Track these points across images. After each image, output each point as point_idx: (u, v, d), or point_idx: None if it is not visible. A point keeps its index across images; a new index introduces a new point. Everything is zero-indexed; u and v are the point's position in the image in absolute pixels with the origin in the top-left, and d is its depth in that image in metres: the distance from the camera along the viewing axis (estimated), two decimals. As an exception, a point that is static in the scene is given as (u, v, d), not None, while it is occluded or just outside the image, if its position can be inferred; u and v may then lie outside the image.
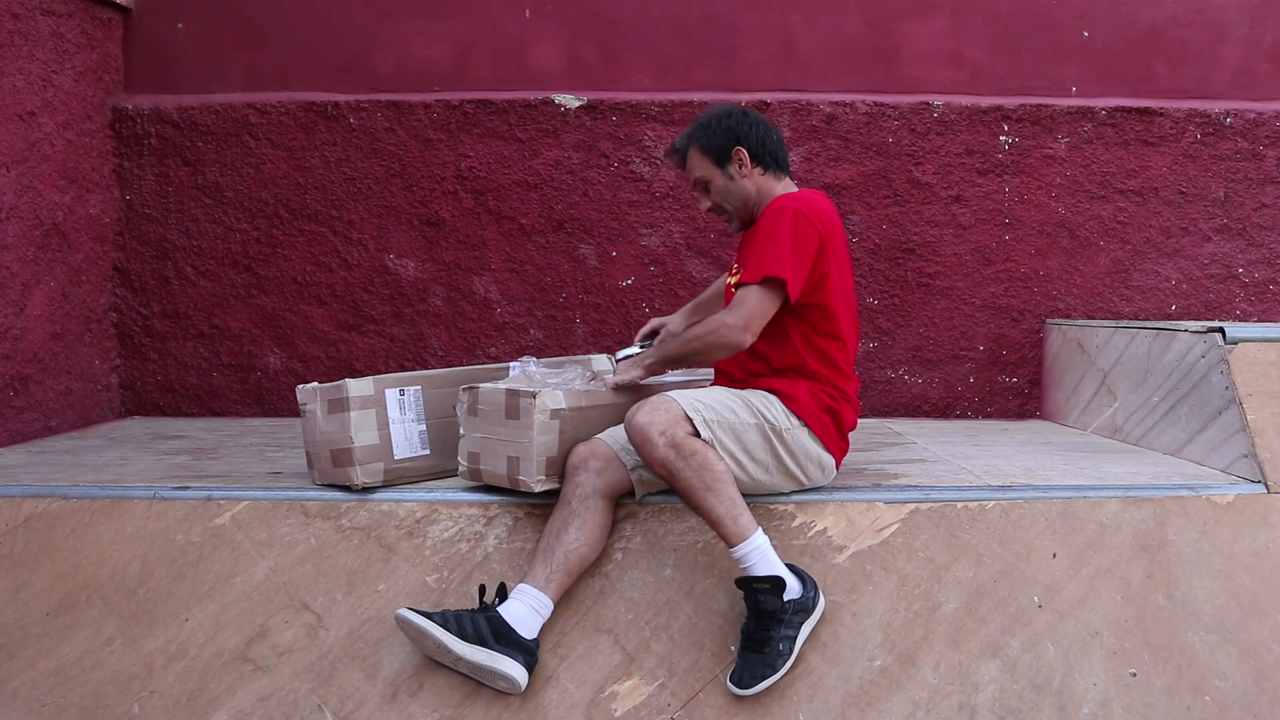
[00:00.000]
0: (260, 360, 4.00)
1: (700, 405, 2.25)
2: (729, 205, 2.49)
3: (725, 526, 2.17)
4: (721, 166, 2.45)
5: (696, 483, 2.16)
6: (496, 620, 2.15)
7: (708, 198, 2.51)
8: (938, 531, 2.42)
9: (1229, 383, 2.66)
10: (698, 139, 2.47)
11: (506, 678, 2.13)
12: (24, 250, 3.44)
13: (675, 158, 2.54)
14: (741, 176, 2.45)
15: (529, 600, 2.20)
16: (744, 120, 2.47)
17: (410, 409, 2.57)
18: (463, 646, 2.11)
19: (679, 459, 2.16)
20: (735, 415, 2.29)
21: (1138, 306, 3.95)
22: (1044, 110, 3.89)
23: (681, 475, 2.17)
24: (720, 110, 2.51)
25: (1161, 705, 2.20)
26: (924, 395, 3.99)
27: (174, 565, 2.42)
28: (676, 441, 2.16)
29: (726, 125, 2.45)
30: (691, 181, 2.53)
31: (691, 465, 2.16)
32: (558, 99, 3.91)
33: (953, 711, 2.17)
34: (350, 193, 3.95)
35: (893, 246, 3.93)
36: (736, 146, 2.44)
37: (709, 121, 2.48)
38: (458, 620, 2.14)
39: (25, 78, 3.42)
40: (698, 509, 2.19)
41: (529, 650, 2.17)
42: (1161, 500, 2.48)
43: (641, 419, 2.19)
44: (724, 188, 2.47)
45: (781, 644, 2.14)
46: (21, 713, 2.20)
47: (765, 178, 2.47)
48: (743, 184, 2.46)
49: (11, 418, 3.39)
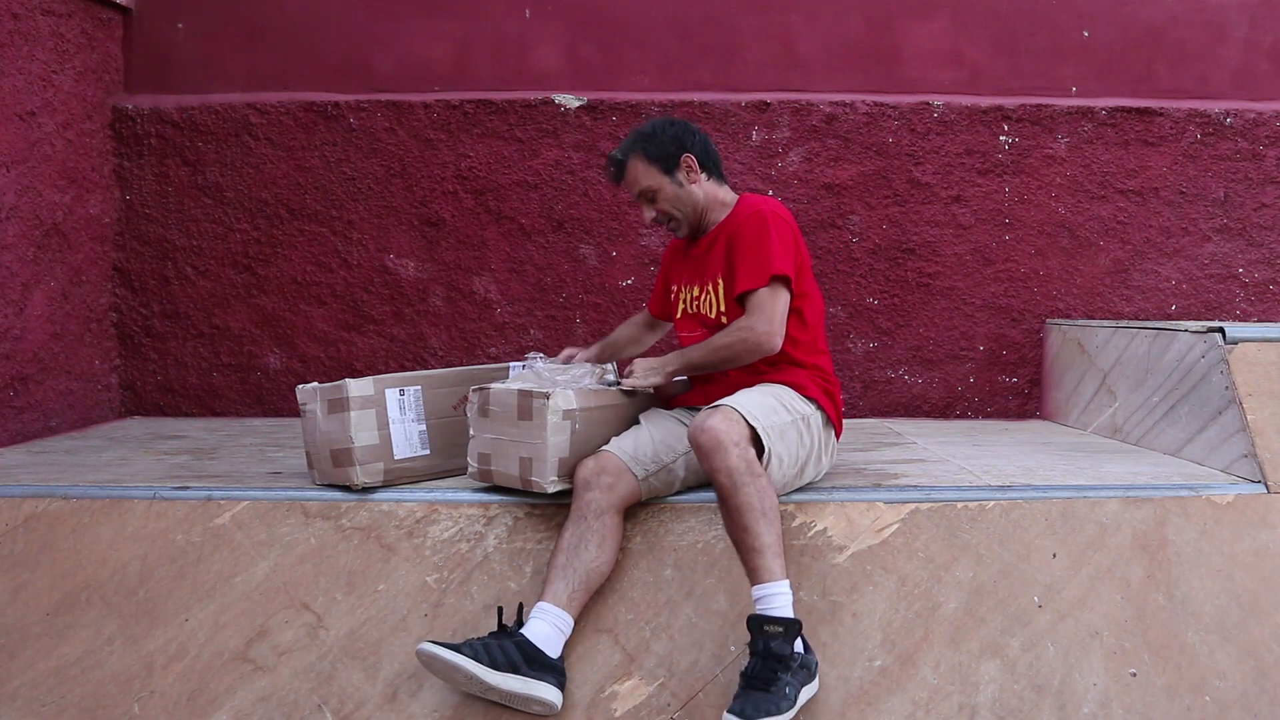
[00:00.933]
0: (260, 360, 4.00)
1: (761, 419, 2.22)
2: (679, 212, 2.51)
3: (764, 558, 2.09)
4: (670, 174, 2.48)
5: (756, 503, 2.10)
6: (526, 645, 2.11)
7: (653, 207, 2.52)
8: (938, 531, 2.42)
9: (1229, 383, 2.66)
10: (642, 148, 2.49)
11: (543, 702, 2.10)
12: (24, 250, 3.44)
13: (614, 169, 2.53)
14: (690, 183, 2.49)
15: (553, 619, 2.17)
16: (686, 129, 2.52)
17: (410, 409, 2.56)
18: (496, 676, 2.06)
19: (748, 475, 2.11)
20: (779, 417, 2.29)
21: (1138, 306, 3.95)
22: (1044, 110, 3.89)
23: (743, 491, 2.10)
24: (659, 120, 2.55)
25: (1161, 705, 2.20)
26: (924, 395, 3.99)
27: (174, 565, 2.42)
28: (750, 458, 2.13)
29: (672, 134, 2.49)
30: (634, 193, 2.53)
31: (758, 485, 2.11)
32: (558, 99, 3.91)
33: (953, 711, 2.17)
34: (350, 193, 3.95)
35: (893, 246, 3.93)
36: (685, 153, 2.48)
37: (652, 131, 2.50)
38: (486, 650, 2.08)
39: (25, 78, 3.42)
40: (745, 530, 2.10)
41: (559, 671, 2.15)
42: (1161, 500, 2.48)
43: (718, 425, 2.14)
44: (674, 195, 2.49)
45: (788, 689, 2.02)
46: (21, 713, 2.20)
47: (711, 184, 2.52)
48: (692, 190, 2.49)
49: (11, 418, 3.39)
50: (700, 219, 2.53)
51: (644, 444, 2.40)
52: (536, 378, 2.48)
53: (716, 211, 2.53)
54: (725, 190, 2.56)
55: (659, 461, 2.39)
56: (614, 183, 2.58)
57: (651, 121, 2.55)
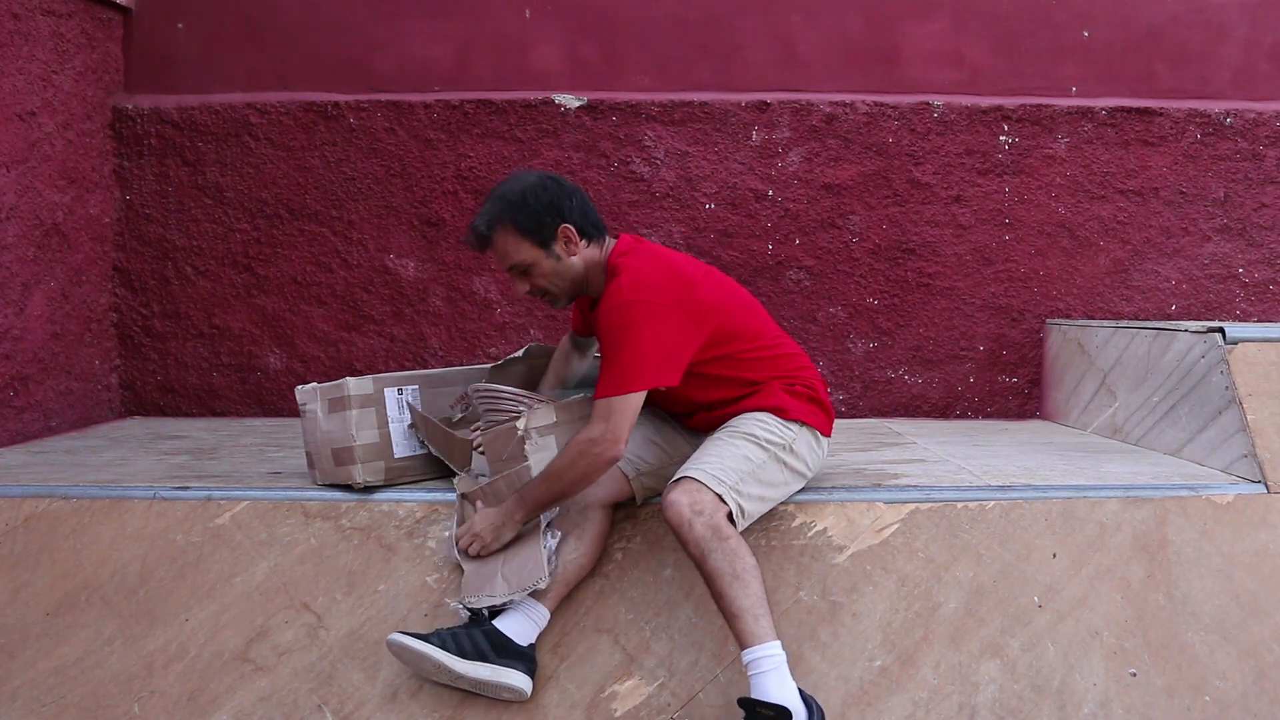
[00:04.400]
0: (260, 360, 4.00)
1: (726, 480, 2.13)
2: (555, 287, 2.25)
3: (744, 622, 2.02)
4: (545, 247, 2.19)
5: (726, 568, 2.03)
6: (495, 634, 2.13)
7: (526, 281, 2.23)
8: (938, 531, 2.42)
9: (1229, 383, 2.66)
10: (512, 219, 2.17)
11: (512, 689, 2.12)
12: (24, 250, 3.44)
13: (476, 241, 2.22)
14: (569, 255, 2.21)
15: (527, 611, 2.18)
16: (560, 191, 2.20)
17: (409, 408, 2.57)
18: (463, 665, 2.08)
19: (715, 540, 2.04)
20: (750, 463, 2.20)
21: (1138, 306, 3.95)
22: (1044, 110, 3.89)
23: (711, 559, 2.04)
24: (527, 183, 2.20)
25: (1161, 705, 2.20)
26: (924, 395, 3.99)
27: (174, 565, 2.42)
28: (716, 523, 2.06)
29: (546, 200, 2.17)
30: (503, 267, 2.24)
31: (725, 550, 2.04)
32: (558, 99, 3.91)
33: (953, 711, 2.17)
34: (350, 193, 3.95)
35: (893, 246, 3.93)
36: (562, 224, 2.18)
37: (519, 199, 2.17)
38: (455, 639, 2.10)
39: (25, 78, 3.42)
40: (720, 597, 2.05)
41: (529, 658, 2.16)
42: (1161, 500, 2.48)
43: (678, 499, 2.07)
44: (551, 270, 2.21)
45: None
46: (21, 713, 2.20)
47: (590, 249, 2.24)
48: (571, 263, 2.22)
49: (11, 418, 3.39)
50: (582, 289, 2.28)
51: (640, 445, 2.37)
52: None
53: (597, 277, 2.27)
54: (606, 245, 2.28)
55: (651, 463, 2.37)
56: (477, 251, 2.26)
57: (519, 183, 2.20)
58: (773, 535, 2.38)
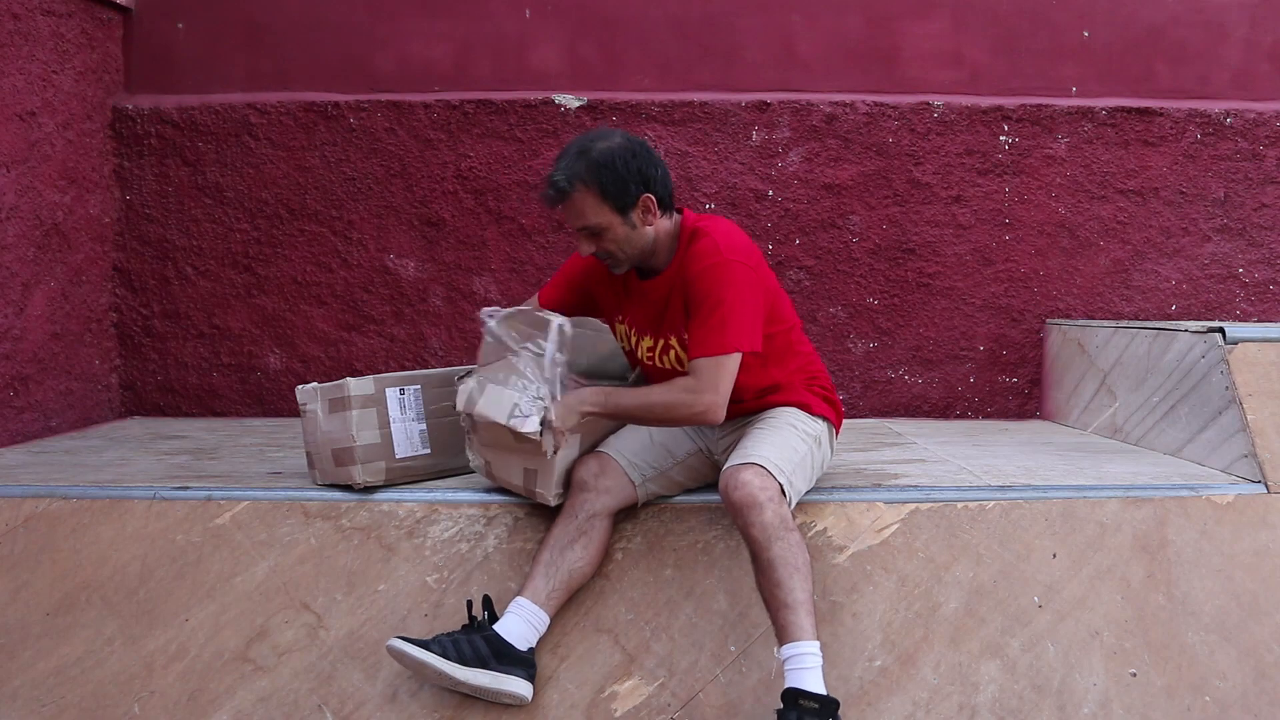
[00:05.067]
0: (260, 360, 4.00)
1: (785, 470, 2.14)
2: (623, 253, 2.19)
3: (796, 615, 2.00)
4: (624, 214, 2.12)
5: (790, 559, 2.02)
6: (495, 640, 2.12)
7: (594, 244, 2.18)
8: (938, 531, 2.42)
9: (1229, 383, 2.66)
10: (596, 180, 2.09)
11: (512, 695, 2.12)
12: (24, 250, 3.44)
13: (553, 195, 2.13)
14: (644, 224, 2.16)
15: (528, 616, 2.17)
16: (649, 159, 2.14)
17: (410, 408, 2.57)
18: (464, 672, 2.07)
19: (783, 529, 2.03)
20: (798, 455, 2.22)
21: (1138, 306, 3.95)
22: (1044, 110, 3.89)
23: (777, 545, 2.02)
24: (617, 146, 2.13)
25: (1161, 705, 2.20)
26: (924, 395, 3.99)
27: (174, 565, 2.42)
28: (784, 514, 2.06)
29: (635, 167, 2.11)
30: (574, 226, 2.18)
31: (791, 541, 2.04)
32: (558, 99, 3.91)
33: (953, 711, 2.17)
34: (350, 193, 3.95)
35: (893, 246, 3.93)
36: (646, 194, 2.13)
37: (608, 161, 2.10)
38: (455, 645, 2.09)
39: (25, 78, 3.42)
40: (779, 585, 2.01)
41: (529, 663, 2.16)
42: (1161, 500, 2.48)
43: (752, 481, 2.05)
44: (624, 236, 2.15)
45: None
46: (21, 713, 2.20)
47: (664, 219, 2.20)
48: (644, 232, 2.16)
49: (11, 418, 3.39)
50: (647, 260, 2.24)
51: (645, 449, 2.37)
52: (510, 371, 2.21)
53: (665, 248, 2.22)
54: (674, 217, 2.23)
55: (657, 467, 2.38)
56: (548, 206, 2.19)
57: (607, 143, 2.12)
58: (773, 535, 2.38)
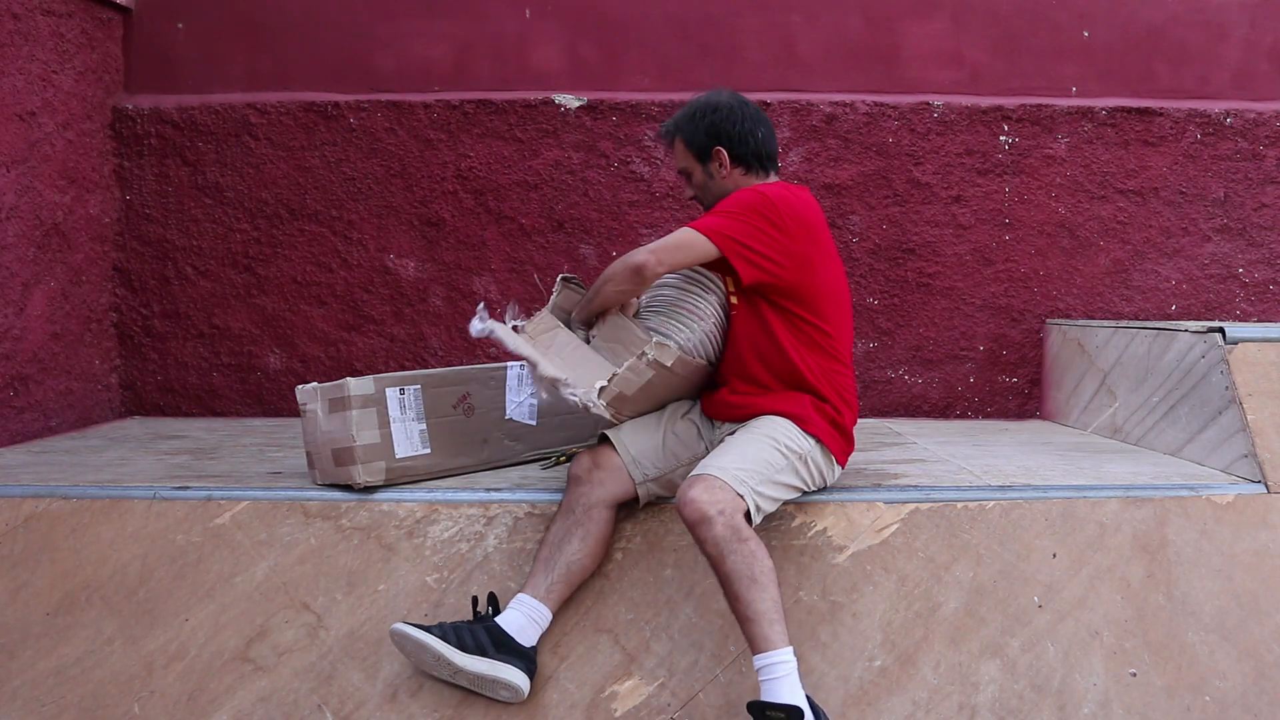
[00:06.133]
0: (260, 360, 4.00)
1: (746, 479, 2.14)
2: (704, 198, 2.47)
3: (759, 626, 2.00)
4: (703, 163, 2.41)
5: (745, 570, 2.02)
6: (495, 630, 2.14)
7: (690, 187, 2.50)
8: (938, 531, 2.42)
9: (1229, 383, 2.66)
10: (683, 130, 2.43)
11: (509, 686, 2.12)
12: (24, 250, 3.44)
13: (665, 140, 2.51)
14: (720, 176, 2.40)
15: (528, 611, 2.19)
16: (729, 117, 2.37)
17: (410, 408, 2.57)
18: (463, 658, 2.09)
19: (734, 541, 2.03)
20: (771, 467, 2.20)
21: (1138, 306, 3.95)
22: (1044, 110, 3.89)
23: (730, 559, 2.02)
24: (708, 101, 2.42)
25: (1161, 705, 2.20)
26: (924, 395, 3.99)
27: (174, 565, 2.42)
28: (736, 524, 2.04)
29: (710, 122, 2.38)
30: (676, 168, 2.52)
31: (744, 551, 2.03)
32: (558, 99, 3.91)
33: (953, 711, 2.17)
34: (350, 193, 3.95)
35: (893, 246, 3.93)
36: (716, 146, 2.38)
37: (695, 113, 2.41)
38: (456, 632, 2.12)
39: (25, 78, 3.42)
40: (736, 599, 2.03)
41: (529, 658, 2.16)
42: (1161, 500, 2.48)
43: (699, 495, 2.06)
44: (703, 183, 2.45)
45: None
46: (21, 713, 2.20)
47: (747, 177, 2.40)
48: (721, 183, 2.41)
49: (11, 418, 3.39)
50: None
51: (651, 449, 2.36)
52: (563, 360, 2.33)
53: None
54: (762, 180, 2.41)
55: (659, 469, 2.37)
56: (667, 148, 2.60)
57: (709, 100, 2.43)
58: (773, 535, 2.38)
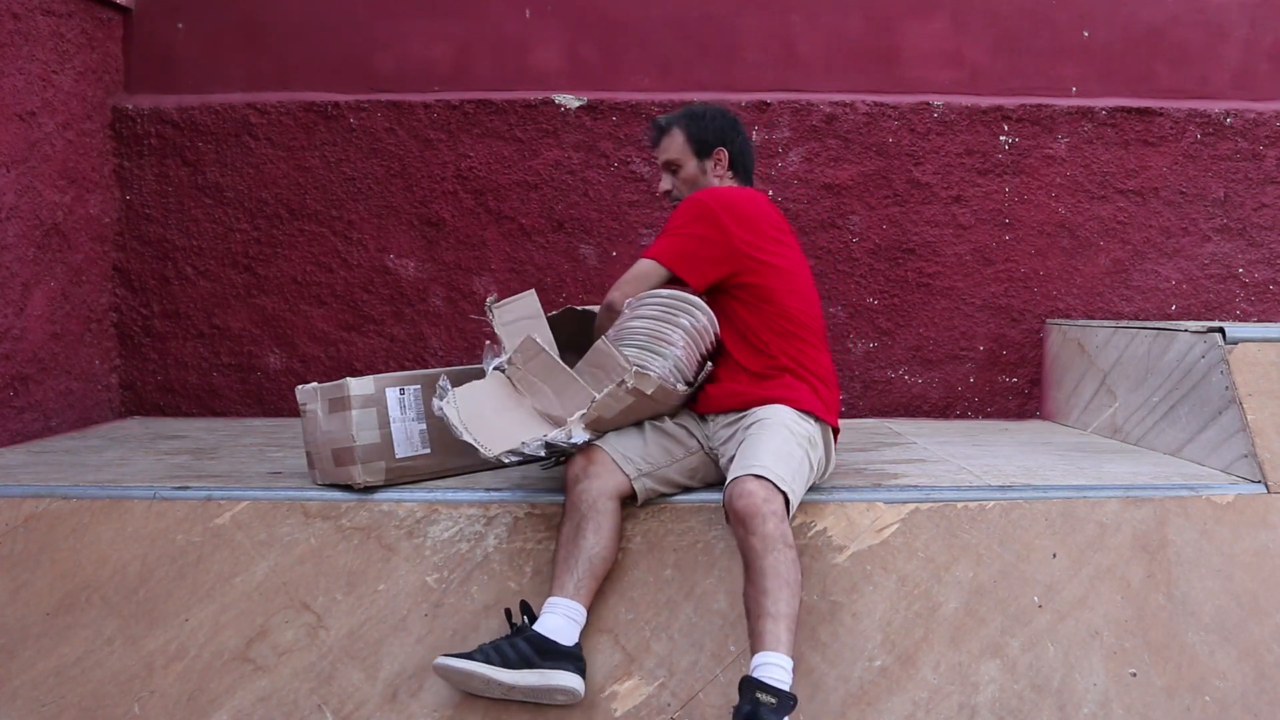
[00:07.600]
0: (260, 360, 4.00)
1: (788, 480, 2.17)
2: (682, 195, 2.55)
3: (779, 626, 2.00)
4: (700, 158, 2.54)
5: (784, 572, 2.04)
6: (537, 638, 2.09)
7: (671, 180, 2.58)
8: (938, 531, 2.42)
9: (1229, 383, 2.66)
10: (687, 124, 2.55)
11: (564, 690, 2.08)
12: (24, 250, 3.44)
13: (654, 132, 2.60)
14: (714, 175, 2.55)
15: (564, 610, 2.16)
16: (735, 126, 2.58)
17: (410, 408, 2.57)
18: (511, 675, 2.04)
19: (781, 545, 2.06)
20: (794, 460, 2.24)
21: (1138, 306, 3.95)
22: (1044, 110, 3.89)
23: (772, 556, 2.04)
24: (718, 108, 2.60)
25: (1161, 705, 2.20)
26: (924, 395, 3.99)
27: (174, 565, 2.42)
28: (785, 530, 2.09)
29: (720, 124, 2.55)
30: (660, 160, 2.60)
31: (788, 557, 2.06)
32: (558, 99, 3.91)
33: (953, 711, 2.17)
34: (350, 193, 3.95)
35: (893, 246, 3.93)
36: (721, 146, 2.55)
37: (704, 113, 2.57)
38: (498, 651, 2.07)
39: (25, 78, 3.42)
40: (764, 593, 2.03)
41: (576, 657, 2.12)
42: (1161, 500, 2.48)
43: (755, 489, 2.10)
44: (691, 178, 2.55)
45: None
46: (21, 713, 2.20)
47: (730, 182, 2.58)
48: (711, 182, 2.55)
49: (11, 418, 3.39)
50: None
51: (640, 447, 2.38)
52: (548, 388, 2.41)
53: None
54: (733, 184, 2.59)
55: (650, 464, 2.37)
56: (650, 145, 2.64)
57: (706, 106, 2.61)
58: (773, 535, 2.38)
